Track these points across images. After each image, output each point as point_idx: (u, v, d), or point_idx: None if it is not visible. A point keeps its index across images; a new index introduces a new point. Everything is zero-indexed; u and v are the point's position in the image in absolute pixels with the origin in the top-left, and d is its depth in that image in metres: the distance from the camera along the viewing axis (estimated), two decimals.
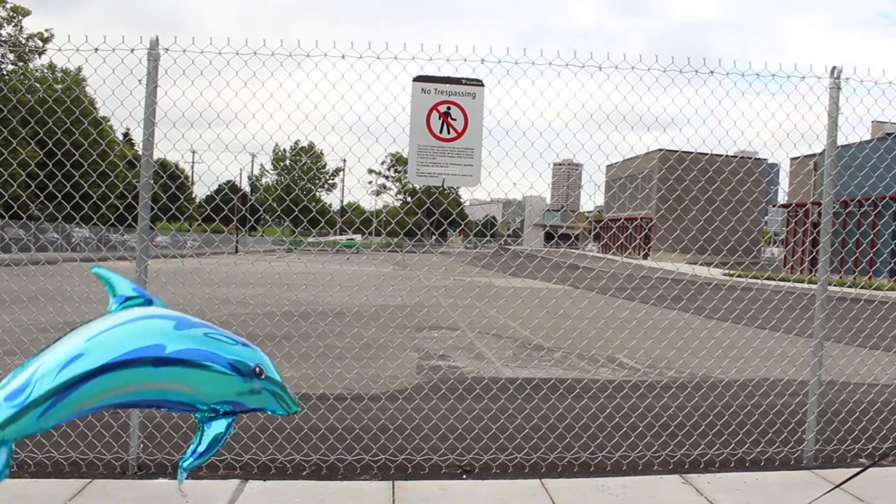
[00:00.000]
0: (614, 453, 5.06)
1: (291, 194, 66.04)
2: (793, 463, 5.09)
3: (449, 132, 4.64)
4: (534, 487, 4.51)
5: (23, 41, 37.47)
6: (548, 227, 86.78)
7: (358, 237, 46.70)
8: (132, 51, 4.43)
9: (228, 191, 53.31)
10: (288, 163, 76.32)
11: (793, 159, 36.67)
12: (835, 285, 15.84)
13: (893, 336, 10.26)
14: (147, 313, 2.09)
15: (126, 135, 46.61)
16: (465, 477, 4.70)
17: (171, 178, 33.29)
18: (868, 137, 31.79)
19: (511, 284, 15.76)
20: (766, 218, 55.69)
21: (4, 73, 37.88)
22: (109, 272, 2.19)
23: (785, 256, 39.31)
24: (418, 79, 4.62)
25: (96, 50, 4.44)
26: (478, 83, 4.66)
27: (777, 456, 5.12)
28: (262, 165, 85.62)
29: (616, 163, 52.36)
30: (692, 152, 6.15)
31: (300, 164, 71.37)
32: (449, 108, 4.63)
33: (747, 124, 5.32)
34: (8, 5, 37.82)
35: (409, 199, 79.74)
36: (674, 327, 10.40)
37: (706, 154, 6.38)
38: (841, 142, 5.15)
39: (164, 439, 4.95)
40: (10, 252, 23.34)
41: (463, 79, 4.66)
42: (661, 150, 43.11)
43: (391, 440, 5.18)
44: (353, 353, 8.40)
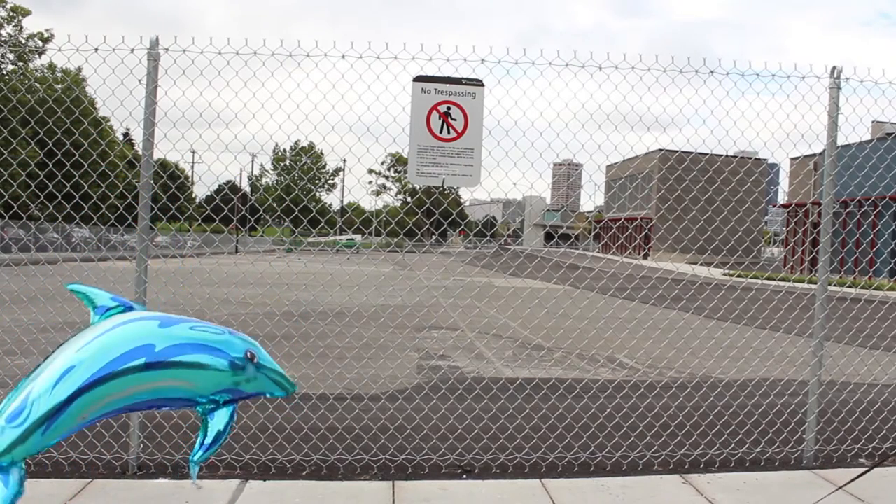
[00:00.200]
0: (614, 453, 5.06)
1: (291, 194, 66.06)
2: (793, 463, 5.09)
3: (449, 132, 4.64)
4: (534, 487, 4.51)
5: (23, 41, 37.49)
6: (548, 227, 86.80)
7: (358, 237, 46.71)
8: (132, 51, 4.43)
9: (228, 191, 53.31)
10: (288, 163, 76.30)
11: (793, 159, 36.67)
12: (835, 285, 15.84)
13: (893, 336, 10.26)
14: (130, 318, 2.10)
15: (126, 135, 46.62)
16: (465, 477, 4.70)
17: (171, 178, 33.29)
18: (868, 137, 31.79)
19: (511, 284, 15.76)
20: (766, 218, 55.68)
21: (4, 73, 37.88)
22: (85, 287, 2.21)
23: (785, 256, 39.32)
24: (418, 79, 4.62)
25: (96, 50, 4.44)
26: (478, 83, 4.66)
27: (777, 456, 5.12)
28: (262, 165, 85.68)
29: (616, 163, 52.36)
30: (692, 152, 6.15)
31: (300, 164, 71.36)
32: (449, 108, 4.63)
33: (747, 124, 5.32)
34: (8, 5, 37.83)
35: (409, 199, 79.74)
36: (674, 327, 10.40)
37: (706, 154, 6.38)
38: (841, 142, 5.15)
39: (164, 439, 4.95)
40: (10, 252, 23.34)
41: (463, 79, 4.66)
42: (661, 150, 43.11)
43: (391, 440, 5.18)
44: (353, 353, 8.40)
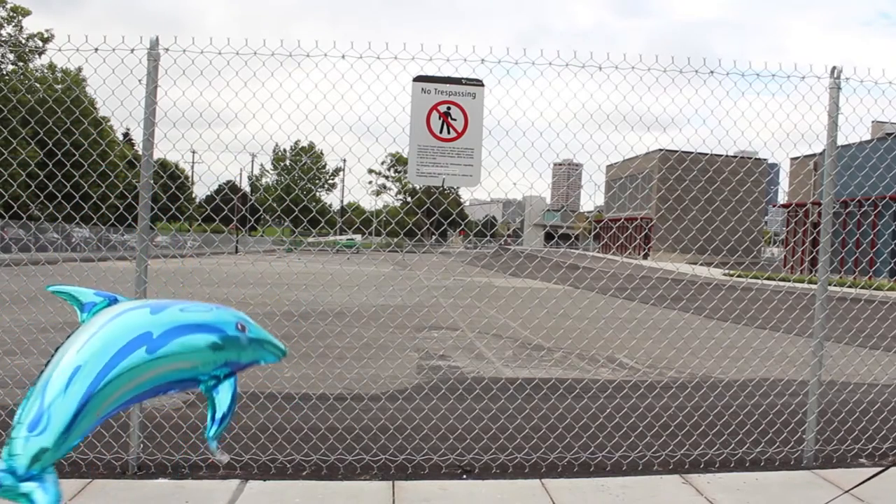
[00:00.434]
0: (614, 453, 5.06)
1: (291, 194, 66.06)
2: (793, 463, 5.09)
3: (449, 132, 4.64)
4: (534, 487, 4.51)
5: (23, 41, 37.48)
6: (548, 227, 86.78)
7: (358, 237, 46.72)
8: (132, 51, 4.43)
9: (228, 191, 53.31)
10: (288, 163, 76.29)
11: (793, 159, 36.67)
12: (835, 285, 15.84)
13: (893, 336, 10.26)
14: (120, 310, 2.12)
15: (126, 135, 46.63)
16: (465, 477, 4.70)
17: (171, 178, 33.30)
18: (868, 137, 31.79)
19: (511, 284, 15.76)
20: (766, 218, 55.68)
21: (4, 73, 37.88)
22: (67, 286, 2.24)
23: (785, 256, 39.32)
24: (418, 79, 4.62)
25: (96, 50, 4.44)
26: (478, 83, 4.66)
27: (777, 456, 5.12)
28: (262, 165, 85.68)
29: (616, 163, 52.37)
30: (692, 152, 6.15)
31: (300, 164, 71.35)
32: (449, 108, 4.63)
33: (747, 124, 5.32)
34: (8, 5, 37.83)
35: (409, 199, 79.74)
36: (674, 327, 10.40)
37: (706, 154, 6.38)
38: (841, 142, 5.15)
39: (164, 439, 4.95)
40: (10, 252, 23.34)
41: (463, 79, 4.66)
42: (661, 150, 43.11)
43: (391, 440, 5.18)
44: (353, 353, 8.40)
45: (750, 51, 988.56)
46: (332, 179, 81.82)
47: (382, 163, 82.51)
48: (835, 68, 4.98)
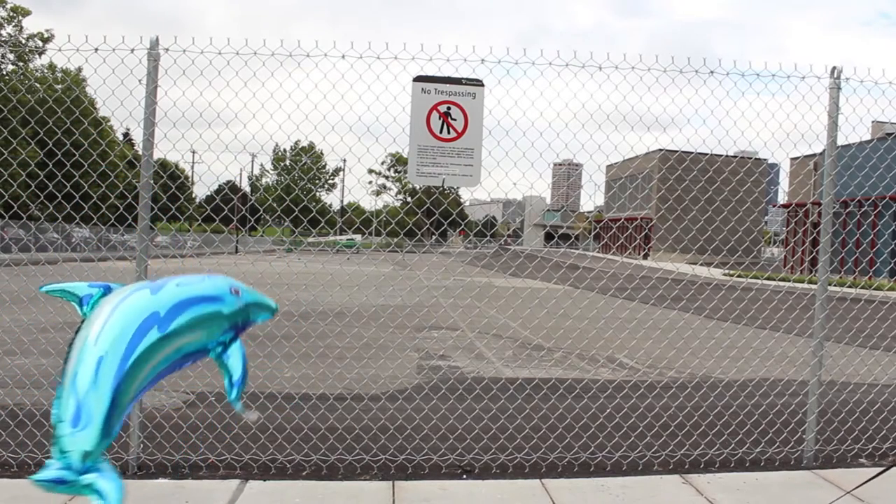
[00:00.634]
0: (614, 453, 5.06)
1: (291, 194, 66.05)
2: (793, 463, 5.09)
3: (449, 132, 4.64)
4: (534, 487, 4.51)
5: (23, 41, 37.48)
6: (548, 227, 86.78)
7: (358, 237, 46.72)
8: (132, 51, 4.43)
9: (228, 191, 53.31)
10: (288, 163, 76.29)
11: (793, 159, 36.68)
12: (835, 285, 15.84)
13: (893, 336, 10.26)
14: (122, 296, 2.17)
15: (126, 135, 46.63)
16: (465, 477, 4.70)
17: (171, 178, 33.29)
18: (868, 137, 31.80)
19: (511, 284, 15.76)
20: (766, 218, 55.68)
21: (4, 73, 37.88)
22: (60, 284, 2.29)
23: (785, 256, 39.32)
24: (418, 79, 4.62)
25: (96, 50, 4.44)
26: (478, 83, 4.66)
27: (777, 456, 5.12)
28: (262, 165, 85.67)
29: (616, 163, 52.37)
30: (692, 152, 6.15)
31: (300, 164, 71.34)
32: (449, 108, 4.63)
33: (747, 124, 5.32)
34: (8, 5, 37.83)
35: (409, 199, 79.73)
36: (674, 327, 10.40)
37: (706, 154, 6.38)
38: (841, 142, 5.15)
39: (164, 439, 4.95)
40: (10, 252, 23.34)
41: (463, 79, 4.66)
42: (661, 150, 43.13)
43: (391, 440, 5.18)
44: (353, 353, 8.40)
45: (750, 51, 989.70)
46: (332, 179, 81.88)
47: (382, 163, 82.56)
48: (835, 68, 4.98)
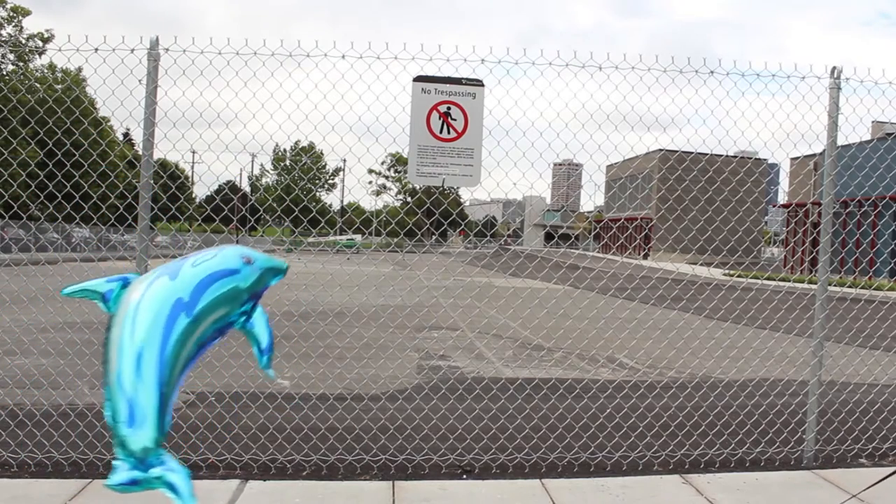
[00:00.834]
0: (614, 453, 5.06)
1: (291, 194, 66.03)
2: (793, 463, 5.09)
3: (449, 132, 4.64)
4: (534, 487, 4.51)
5: (23, 41, 37.48)
6: (548, 227, 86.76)
7: (358, 237, 46.69)
8: (132, 51, 4.43)
9: (228, 191, 53.33)
10: (288, 163, 76.27)
11: (793, 159, 36.68)
12: (835, 285, 15.85)
13: (893, 336, 10.26)
14: (143, 287, 2.18)
15: (126, 135, 46.65)
16: (465, 477, 4.70)
17: (171, 178, 33.30)
18: (868, 137, 31.80)
19: (511, 284, 15.76)
20: (766, 218, 55.68)
21: (4, 73, 37.88)
22: (80, 284, 2.33)
23: (785, 256, 39.32)
24: (418, 79, 4.62)
25: (96, 50, 4.44)
26: (478, 83, 4.66)
27: (777, 456, 5.12)
28: (262, 165, 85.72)
29: (616, 163, 52.37)
30: (692, 152, 6.15)
31: (300, 164, 71.34)
32: (449, 108, 4.63)
33: (747, 124, 5.32)
34: (8, 5, 37.82)
35: (409, 199, 79.71)
36: (674, 327, 10.40)
37: (706, 154, 6.38)
38: (841, 142, 5.15)
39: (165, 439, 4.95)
40: (10, 252, 23.34)
41: (463, 79, 4.66)
42: (661, 150, 43.14)
43: (391, 440, 5.18)
44: (353, 353, 8.40)
45: (750, 51, 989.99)
46: (332, 179, 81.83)
47: (382, 163, 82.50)
48: (835, 68, 4.98)
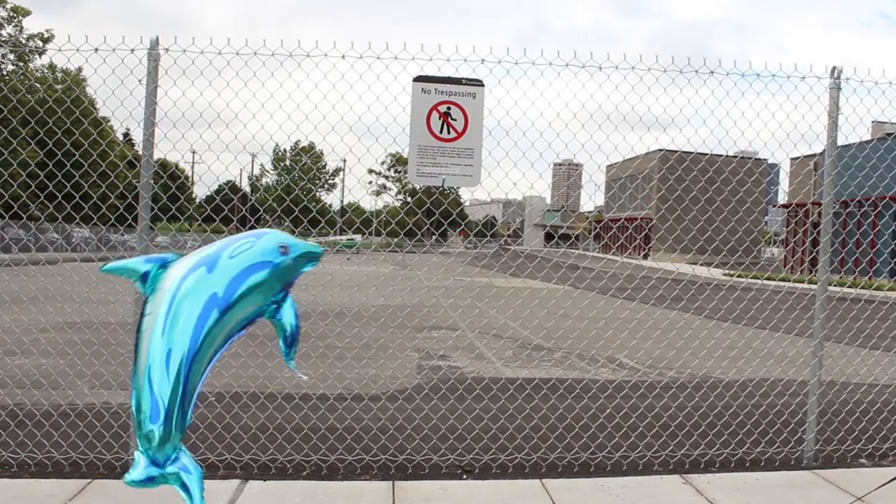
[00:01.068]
0: (614, 453, 5.06)
1: (291, 194, 66.01)
2: (793, 463, 5.09)
3: (449, 132, 4.64)
4: (534, 487, 4.51)
5: (23, 41, 37.47)
6: (548, 228, 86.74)
7: (358, 237, 46.67)
8: (132, 51, 4.43)
9: (228, 191, 53.32)
10: (288, 163, 76.27)
11: (793, 159, 36.69)
12: (835, 285, 15.85)
13: (893, 336, 10.26)
14: (179, 278, 2.17)
15: (126, 135, 46.65)
16: (465, 477, 4.70)
17: (171, 178, 33.31)
18: (868, 137, 31.80)
19: (511, 284, 15.76)
20: (766, 218, 55.69)
21: (5, 73, 37.88)
22: (118, 263, 2.32)
23: (785, 256, 39.32)
24: (418, 79, 4.62)
25: (96, 50, 4.44)
26: (478, 83, 4.66)
27: (777, 456, 5.12)
28: (262, 165, 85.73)
29: (616, 163, 52.38)
30: (692, 152, 6.14)
31: (300, 164, 71.34)
32: (449, 109, 4.63)
33: (747, 124, 5.32)
34: (8, 5, 37.83)
35: (409, 199, 79.70)
36: (674, 327, 10.40)
37: (706, 154, 6.38)
38: (841, 142, 5.15)
39: None
40: (10, 252, 23.34)
41: (463, 79, 4.66)
42: (661, 150, 43.16)
43: (391, 440, 5.18)
44: (353, 353, 8.40)
45: (750, 51, 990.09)
46: (332, 179, 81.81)
47: (382, 163, 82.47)
48: (835, 68, 4.98)
